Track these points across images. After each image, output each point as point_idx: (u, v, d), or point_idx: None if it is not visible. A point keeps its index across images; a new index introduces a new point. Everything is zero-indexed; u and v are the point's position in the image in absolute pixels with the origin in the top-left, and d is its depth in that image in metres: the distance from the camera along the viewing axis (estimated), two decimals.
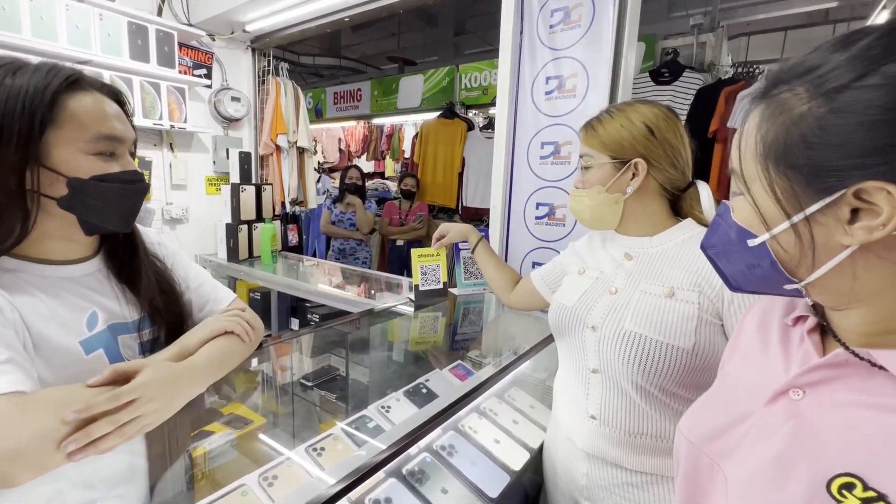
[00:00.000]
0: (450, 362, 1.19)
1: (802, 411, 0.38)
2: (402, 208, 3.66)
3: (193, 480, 0.92)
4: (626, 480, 0.80)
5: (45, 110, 0.56)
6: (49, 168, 0.58)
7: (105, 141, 0.61)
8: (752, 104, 0.39)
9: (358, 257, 3.40)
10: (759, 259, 0.40)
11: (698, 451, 0.46)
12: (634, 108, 0.84)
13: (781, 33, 3.47)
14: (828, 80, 0.33)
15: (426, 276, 1.59)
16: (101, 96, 0.63)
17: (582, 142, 0.88)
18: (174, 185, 2.47)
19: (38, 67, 0.59)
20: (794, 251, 0.37)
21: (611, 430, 0.81)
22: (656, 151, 0.81)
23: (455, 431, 0.94)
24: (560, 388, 0.94)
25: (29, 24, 1.74)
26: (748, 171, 0.39)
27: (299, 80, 5.33)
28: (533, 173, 1.63)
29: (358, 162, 5.47)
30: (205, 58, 2.49)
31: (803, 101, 0.34)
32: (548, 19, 1.53)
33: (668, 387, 0.76)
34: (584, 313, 0.85)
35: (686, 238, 0.82)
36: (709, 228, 0.47)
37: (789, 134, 0.35)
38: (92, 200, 0.61)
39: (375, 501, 0.75)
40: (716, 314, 0.74)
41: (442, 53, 4.75)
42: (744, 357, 0.50)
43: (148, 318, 0.73)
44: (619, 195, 0.84)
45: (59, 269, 0.65)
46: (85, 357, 0.64)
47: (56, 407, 0.51)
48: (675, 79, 2.59)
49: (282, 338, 1.36)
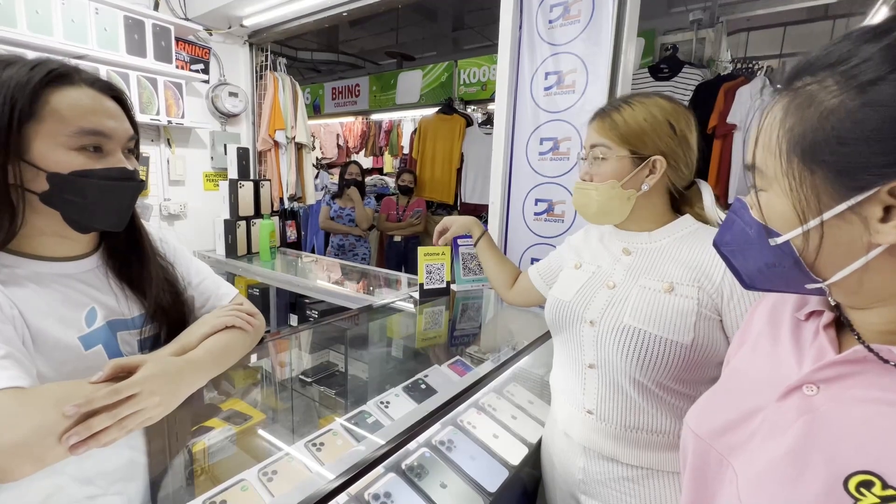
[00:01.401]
0: (449, 358, 1.20)
1: (816, 407, 0.37)
2: (400, 204, 3.66)
3: (193, 476, 0.92)
4: (622, 475, 0.80)
5: (24, 103, 0.55)
6: (29, 162, 0.57)
7: (88, 136, 0.60)
8: (776, 96, 0.38)
9: (357, 253, 3.40)
10: (780, 258, 0.38)
11: (707, 446, 0.46)
12: (655, 101, 0.80)
13: (781, 29, 3.46)
14: (861, 71, 0.31)
15: (431, 274, 1.58)
16: (92, 91, 0.61)
17: (595, 131, 0.83)
18: (172, 181, 2.46)
19: (27, 62, 0.58)
20: (822, 249, 0.36)
21: (607, 425, 0.81)
22: (676, 150, 0.79)
23: (454, 427, 0.95)
24: (556, 383, 0.94)
25: (25, 18, 1.72)
26: (771, 167, 0.38)
27: (297, 75, 5.29)
28: (532, 169, 1.63)
29: (356, 158, 5.46)
30: (202, 53, 2.48)
31: (834, 94, 0.33)
32: (547, 14, 1.52)
33: (665, 382, 0.76)
34: (582, 308, 0.84)
35: (685, 234, 0.81)
36: (722, 226, 0.45)
37: (819, 128, 0.33)
38: (74, 196, 0.60)
39: (375, 496, 0.75)
40: (714, 310, 0.74)
41: (441, 49, 4.73)
42: (752, 350, 0.50)
43: (149, 316, 0.73)
44: (633, 192, 0.81)
45: (56, 266, 0.65)
46: (84, 352, 0.64)
47: (57, 402, 0.51)
48: (674, 74, 2.59)
49: (281, 334, 1.36)
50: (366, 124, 5.53)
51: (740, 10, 2.69)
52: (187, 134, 2.50)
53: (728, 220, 0.44)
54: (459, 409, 0.98)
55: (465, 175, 3.78)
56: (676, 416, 0.77)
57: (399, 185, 3.72)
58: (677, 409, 0.77)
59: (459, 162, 3.77)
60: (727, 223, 0.44)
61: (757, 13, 2.69)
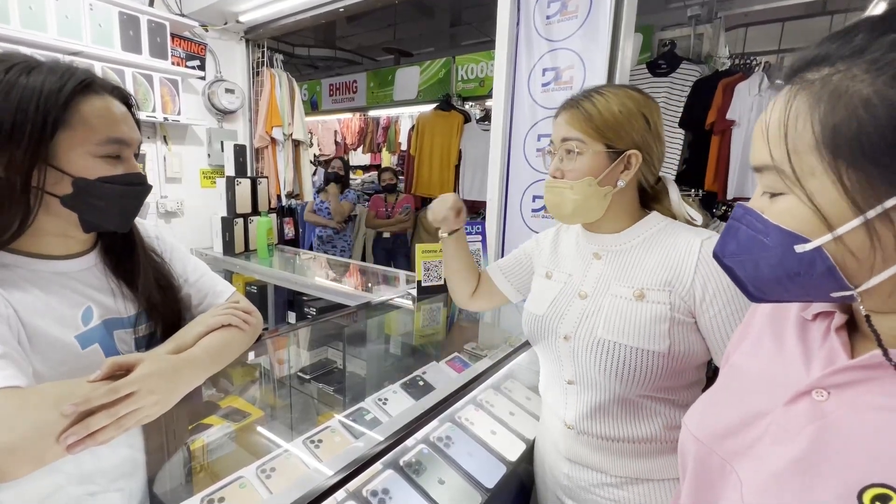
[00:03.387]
0: (447, 355, 1.20)
1: (827, 413, 0.35)
2: (389, 201, 3.69)
3: (192, 473, 0.92)
4: (606, 482, 0.80)
5: (58, 112, 0.57)
6: (57, 168, 0.59)
7: (113, 144, 0.63)
8: (795, 89, 0.35)
9: (336, 245, 3.48)
10: (808, 266, 0.35)
11: (708, 450, 0.44)
12: (626, 92, 0.76)
13: (779, 24, 3.46)
14: (893, 61, 0.30)
15: (429, 272, 1.58)
16: (111, 99, 0.64)
17: (566, 123, 0.76)
18: (169, 179, 2.45)
19: (53, 68, 0.59)
20: (863, 253, 0.33)
21: (588, 438, 0.80)
22: (651, 144, 0.76)
23: (452, 423, 0.95)
24: (543, 393, 0.93)
25: (18, 14, 1.71)
26: (802, 164, 0.34)
27: (294, 71, 5.26)
28: (529, 166, 1.63)
29: (354, 154, 5.45)
30: (198, 49, 2.46)
31: (865, 83, 0.31)
32: (544, 10, 1.52)
33: (647, 392, 0.75)
34: (556, 322, 0.81)
35: (653, 233, 0.78)
36: (724, 234, 0.42)
37: (860, 119, 0.31)
38: (95, 200, 0.62)
39: (373, 493, 0.76)
40: (688, 313, 0.72)
41: (438, 45, 4.71)
42: (755, 348, 0.48)
43: (145, 314, 0.73)
44: (609, 188, 0.76)
45: (53, 265, 0.65)
46: (82, 351, 0.64)
47: (54, 401, 0.51)
48: (671, 70, 2.58)
49: (279, 331, 1.37)
50: (363, 121, 5.50)
51: (738, 6, 2.68)
52: (184, 131, 2.49)
53: (730, 229, 0.41)
54: (457, 405, 0.98)
55: (464, 172, 3.77)
56: (659, 424, 0.76)
57: (382, 185, 3.81)
58: (660, 415, 0.76)
59: (458, 158, 3.77)
60: (731, 231, 0.41)
61: (755, 9, 2.68)
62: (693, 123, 2.53)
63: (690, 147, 2.64)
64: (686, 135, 2.61)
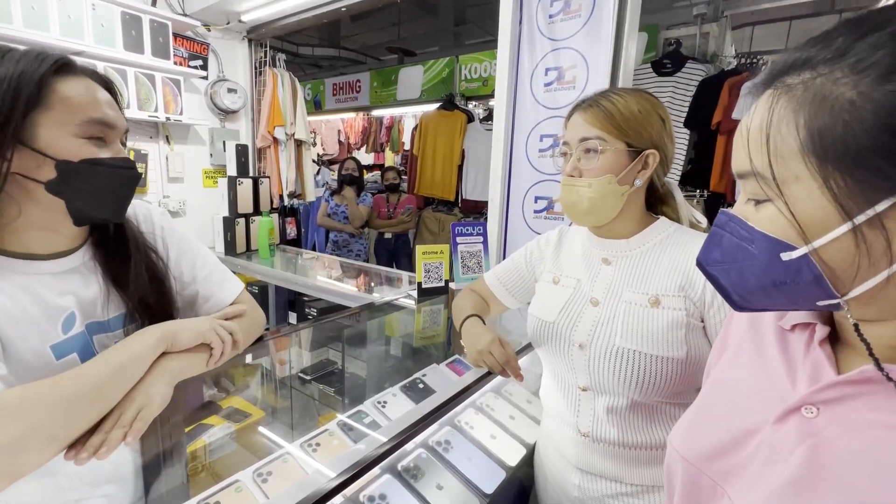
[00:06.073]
0: (447, 357, 1.19)
1: (819, 431, 0.34)
2: (391, 201, 3.67)
3: (192, 474, 0.92)
4: (621, 491, 0.79)
5: (31, 91, 0.55)
6: (37, 150, 0.56)
7: (96, 125, 0.60)
8: (777, 93, 0.34)
9: (352, 250, 3.42)
10: (793, 274, 0.34)
11: (697, 471, 0.43)
12: (641, 94, 0.77)
13: (786, 23, 3.42)
14: (876, 62, 0.29)
15: (429, 273, 1.58)
16: (91, 82, 0.62)
17: (585, 122, 0.76)
18: (171, 178, 2.45)
19: (26, 53, 0.58)
20: (849, 260, 0.32)
21: (604, 446, 0.78)
22: (666, 144, 0.77)
23: (451, 427, 0.94)
24: (546, 400, 0.91)
25: (20, 14, 1.71)
26: (784, 170, 0.33)
27: (298, 71, 5.28)
28: (532, 166, 1.61)
29: (357, 154, 5.45)
30: (200, 48, 2.46)
31: (849, 86, 0.30)
32: (547, 9, 1.50)
33: (663, 398, 0.74)
34: (569, 330, 0.80)
35: (663, 238, 0.78)
36: (707, 241, 0.41)
37: (846, 122, 0.30)
38: (82, 185, 0.59)
39: (370, 498, 0.75)
40: (699, 317, 0.72)
41: (442, 44, 4.70)
42: (735, 361, 0.47)
43: (134, 314, 0.71)
44: (626, 188, 0.76)
45: (37, 265, 0.62)
46: (56, 362, 0.61)
47: (18, 410, 0.49)
48: (677, 70, 2.56)
49: (280, 332, 1.36)
50: (367, 120, 5.50)
51: (745, 5, 2.66)
52: (186, 131, 2.49)
53: (714, 236, 0.40)
54: (457, 409, 0.97)
55: (467, 171, 3.76)
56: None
57: (385, 184, 3.75)
58: (675, 419, 0.75)
59: (461, 158, 3.76)
60: (714, 239, 0.40)
61: (762, 7, 2.65)
62: (698, 123, 2.51)
63: (696, 147, 2.62)
64: (691, 135, 2.59)
